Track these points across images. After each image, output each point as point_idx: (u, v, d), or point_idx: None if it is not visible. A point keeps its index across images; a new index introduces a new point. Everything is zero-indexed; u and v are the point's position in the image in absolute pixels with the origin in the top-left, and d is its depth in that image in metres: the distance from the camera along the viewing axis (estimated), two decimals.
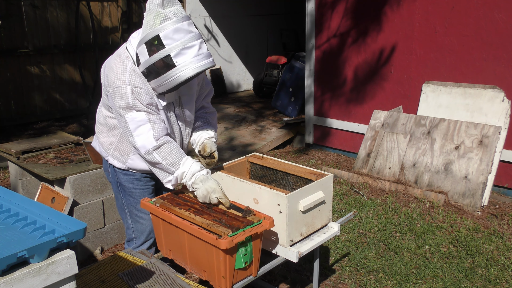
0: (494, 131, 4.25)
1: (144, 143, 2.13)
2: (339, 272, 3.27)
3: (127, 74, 2.11)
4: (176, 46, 1.96)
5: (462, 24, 4.66)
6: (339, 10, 5.59)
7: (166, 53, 1.97)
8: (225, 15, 8.98)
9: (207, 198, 2.14)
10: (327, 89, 5.94)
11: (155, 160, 2.16)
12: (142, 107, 2.12)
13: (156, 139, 2.13)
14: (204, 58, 2.02)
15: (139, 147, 2.15)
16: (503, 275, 3.19)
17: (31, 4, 6.97)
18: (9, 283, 1.22)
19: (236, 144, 6.18)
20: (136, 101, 2.11)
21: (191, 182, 2.16)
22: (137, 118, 2.12)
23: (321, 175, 2.38)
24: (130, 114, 2.12)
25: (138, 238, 2.55)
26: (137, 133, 2.14)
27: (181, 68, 1.98)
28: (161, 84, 2.06)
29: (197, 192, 2.16)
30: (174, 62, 1.98)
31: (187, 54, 1.98)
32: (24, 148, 3.70)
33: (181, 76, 2.00)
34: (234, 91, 9.51)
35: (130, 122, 2.13)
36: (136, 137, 2.14)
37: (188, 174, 2.15)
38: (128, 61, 2.15)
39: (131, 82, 2.10)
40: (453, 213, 4.09)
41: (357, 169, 5.04)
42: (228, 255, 1.90)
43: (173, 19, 1.97)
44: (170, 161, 2.15)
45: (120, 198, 2.50)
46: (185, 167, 2.16)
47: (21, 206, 1.53)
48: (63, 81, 7.57)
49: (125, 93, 2.10)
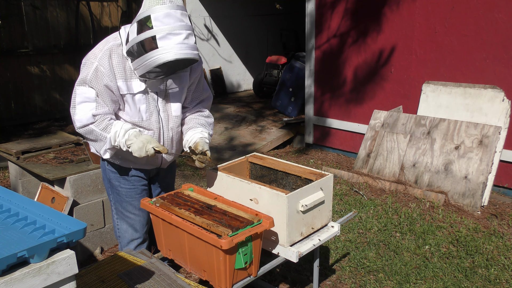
0: (494, 131, 4.25)
1: (82, 117, 2.17)
2: (339, 272, 3.27)
3: (101, 52, 2.17)
4: (163, 29, 2.01)
5: (462, 24, 4.66)
6: (339, 10, 5.59)
7: (152, 34, 2.02)
8: (225, 15, 8.97)
9: (143, 151, 2.15)
10: (327, 89, 5.93)
11: (88, 131, 2.19)
12: (97, 86, 2.16)
13: (94, 116, 2.17)
14: (188, 48, 2.05)
15: (76, 120, 2.19)
16: (503, 275, 3.19)
17: (31, 4, 6.97)
18: (9, 283, 1.22)
19: (236, 144, 6.18)
20: (94, 79, 2.15)
21: (125, 139, 2.17)
22: (86, 94, 2.17)
23: (321, 175, 2.38)
24: (82, 88, 2.17)
25: (122, 236, 2.55)
26: (80, 106, 2.17)
27: (162, 50, 2.02)
28: (141, 64, 2.09)
29: (132, 147, 2.16)
30: (157, 44, 2.02)
31: (172, 40, 2.02)
32: (24, 148, 3.69)
33: (160, 59, 2.03)
34: (234, 91, 9.51)
35: (79, 95, 2.18)
36: (77, 110, 2.18)
37: (121, 132, 2.18)
38: (112, 40, 2.21)
39: (100, 60, 2.15)
40: (453, 213, 4.09)
41: (357, 169, 5.04)
42: (228, 255, 1.90)
43: (167, 4, 2.02)
44: (103, 126, 2.18)
45: (110, 194, 2.54)
46: (117, 127, 2.19)
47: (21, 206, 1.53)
48: (63, 81, 7.57)
49: (90, 68, 2.16)
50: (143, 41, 2.05)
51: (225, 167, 2.55)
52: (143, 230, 2.54)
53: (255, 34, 9.57)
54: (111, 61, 2.16)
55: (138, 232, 2.53)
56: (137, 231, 2.53)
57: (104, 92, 2.17)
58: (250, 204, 2.26)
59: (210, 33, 8.90)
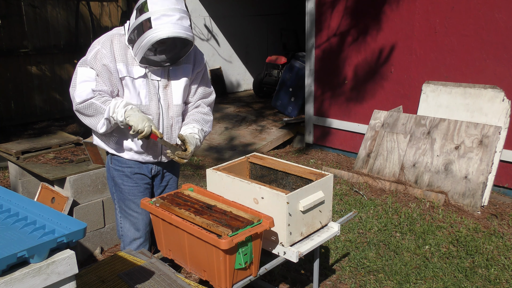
0: (494, 131, 4.25)
1: (81, 93, 2.21)
2: (339, 272, 3.27)
3: (104, 37, 2.27)
4: (158, 11, 2.10)
5: (462, 24, 4.66)
6: (339, 9, 5.60)
7: (147, 16, 2.10)
8: (225, 15, 8.98)
9: (141, 125, 2.17)
10: (327, 88, 5.93)
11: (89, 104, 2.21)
12: (97, 66, 2.22)
13: (94, 91, 2.21)
14: (181, 28, 2.12)
15: (76, 96, 2.22)
16: (503, 275, 3.19)
17: (30, 4, 6.97)
18: (9, 283, 1.22)
19: (236, 144, 6.18)
20: (93, 60, 2.22)
21: (124, 110, 2.20)
22: (86, 74, 2.23)
23: (321, 175, 2.38)
24: (84, 68, 2.24)
25: (125, 235, 2.55)
26: (81, 85, 2.23)
27: (155, 30, 2.09)
28: (138, 47, 2.16)
29: (130, 118, 2.18)
30: (152, 24, 2.10)
31: (164, 19, 2.10)
32: (24, 148, 3.69)
33: (153, 37, 2.10)
34: (234, 91, 9.51)
35: (80, 74, 2.24)
36: (77, 87, 2.23)
37: (121, 104, 2.21)
38: (115, 30, 2.30)
39: (102, 44, 2.23)
40: (453, 213, 4.09)
41: (357, 169, 5.04)
42: (228, 255, 1.90)
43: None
44: (102, 100, 2.22)
45: (113, 192, 2.55)
46: (118, 100, 2.23)
47: (21, 206, 1.53)
48: (63, 81, 7.57)
49: (91, 51, 2.24)
50: (141, 25, 2.13)
51: (225, 167, 2.54)
52: (145, 229, 2.55)
53: (255, 34, 9.57)
54: (113, 45, 2.24)
55: (141, 231, 2.54)
56: (140, 230, 2.54)
57: (104, 72, 2.23)
58: (251, 204, 2.26)
59: (210, 33, 8.90)
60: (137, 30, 2.16)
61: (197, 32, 8.69)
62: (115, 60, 2.23)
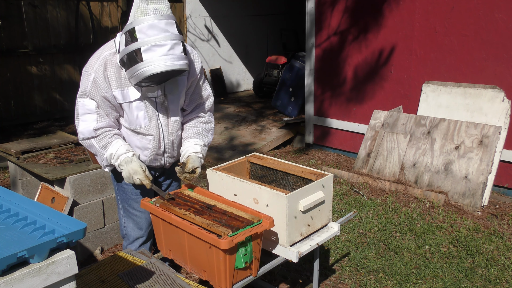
0: (494, 131, 4.25)
1: (84, 130, 2.26)
2: (339, 272, 3.27)
3: (97, 63, 2.20)
4: (147, 41, 2.00)
5: (462, 24, 4.65)
6: (339, 9, 5.59)
7: (137, 47, 2.01)
8: (225, 15, 8.98)
9: (130, 179, 2.25)
10: (327, 88, 5.93)
11: (89, 144, 2.29)
12: (96, 97, 2.21)
13: (95, 130, 2.25)
14: (173, 59, 2.02)
15: (79, 132, 2.29)
16: (503, 275, 3.19)
17: (30, 3, 6.96)
18: (9, 283, 1.22)
19: (236, 144, 6.18)
20: (93, 90, 2.20)
21: (117, 163, 2.27)
22: (87, 106, 2.23)
23: (321, 175, 2.38)
24: (83, 100, 2.24)
25: (128, 234, 2.56)
26: (83, 118, 2.26)
27: (146, 64, 2.01)
28: (132, 75, 2.11)
29: (123, 173, 2.27)
30: (142, 57, 2.01)
31: (156, 52, 2.00)
32: (24, 148, 3.69)
33: (145, 72, 2.02)
34: (234, 91, 9.51)
35: (81, 107, 2.25)
36: (80, 122, 2.27)
37: (115, 156, 2.26)
38: (108, 49, 2.22)
39: (96, 71, 2.18)
40: (453, 213, 4.09)
41: (357, 169, 5.04)
42: (228, 255, 1.90)
43: (151, 16, 2.00)
44: (102, 144, 2.28)
45: (116, 192, 2.56)
46: (113, 149, 2.27)
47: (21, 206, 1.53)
48: (63, 81, 7.57)
49: (88, 80, 2.20)
50: (131, 52, 2.04)
51: (225, 167, 2.55)
52: (148, 228, 2.55)
53: (255, 34, 9.57)
54: (106, 72, 2.19)
55: (144, 230, 2.55)
56: (143, 229, 2.55)
57: (103, 103, 2.23)
58: (251, 204, 2.26)
59: (210, 33, 8.90)
60: (128, 58, 2.07)
61: (197, 32, 8.69)
62: (110, 89, 2.20)
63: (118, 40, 2.20)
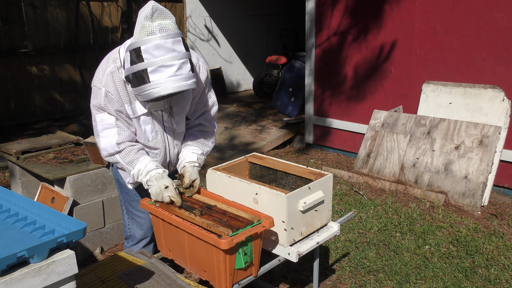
0: (494, 131, 4.25)
1: (106, 146, 2.20)
2: (339, 272, 3.27)
3: (104, 76, 2.13)
4: (154, 62, 1.93)
5: (462, 24, 4.65)
6: (339, 9, 5.59)
7: (143, 67, 1.95)
8: (225, 15, 8.98)
9: (159, 196, 2.16)
10: (327, 88, 5.93)
11: (115, 160, 2.24)
12: (112, 111, 2.16)
13: (118, 144, 2.19)
14: (181, 80, 1.96)
15: (102, 149, 2.23)
16: (503, 275, 3.19)
17: (30, 3, 6.97)
18: (9, 283, 1.22)
19: (236, 144, 6.18)
20: (108, 105, 2.15)
21: (146, 179, 2.19)
22: (106, 121, 2.18)
23: (320, 175, 2.38)
24: (101, 115, 2.18)
25: (133, 236, 2.56)
26: (103, 134, 2.20)
27: (154, 85, 1.95)
28: (138, 94, 2.04)
29: (150, 189, 2.18)
30: (148, 78, 1.95)
31: (164, 73, 1.94)
32: (24, 148, 3.69)
33: (153, 93, 1.96)
34: (234, 91, 9.51)
35: (99, 122, 2.19)
36: (101, 138, 2.21)
37: (144, 172, 2.20)
38: (112, 63, 2.15)
39: (106, 85, 2.12)
40: (453, 213, 4.09)
41: (357, 169, 5.04)
42: (228, 255, 1.90)
43: (157, 35, 1.92)
44: (128, 160, 2.22)
45: (119, 194, 2.55)
46: (141, 165, 2.21)
47: (21, 206, 1.53)
48: (63, 81, 7.57)
49: (99, 94, 2.14)
50: (137, 72, 1.98)
51: (225, 167, 2.55)
52: (152, 229, 2.53)
53: (255, 34, 9.57)
54: (116, 86, 2.13)
55: (148, 231, 2.55)
56: (147, 230, 2.55)
57: (119, 116, 2.19)
58: (251, 204, 2.26)
59: (210, 33, 8.90)
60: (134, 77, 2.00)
61: (197, 32, 8.69)
62: (123, 103, 2.16)
63: (122, 53, 2.13)
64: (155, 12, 1.95)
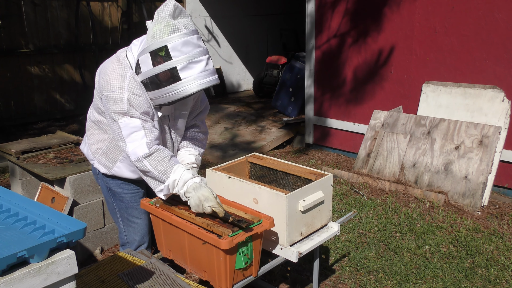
0: (494, 131, 4.25)
1: (135, 150, 2.06)
2: (339, 272, 3.27)
3: (126, 81, 2.05)
4: (183, 59, 1.90)
5: (462, 24, 4.66)
6: (339, 10, 5.59)
7: (172, 65, 1.91)
8: (225, 15, 8.98)
9: (200, 207, 2.02)
10: (327, 89, 5.93)
11: (145, 168, 2.08)
12: (137, 114, 2.06)
13: (149, 146, 2.06)
14: (210, 74, 1.97)
15: (130, 154, 2.09)
16: (503, 275, 3.19)
17: (32, 1, 6.97)
18: (9, 283, 1.22)
19: (236, 144, 6.18)
20: (131, 108, 2.04)
21: (183, 190, 2.05)
22: (131, 124, 2.06)
23: (320, 175, 2.38)
24: (124, 119, 2.06)
25: (130, 243, 2.50)
26: (130, 139, 2.07)
27: (186, 82, 1.92)
28: (162, 96, 2.00)
29: (190, 201, 2.05)
30: (179, 75, 1.92)
31: (194, 69, 1.92)
32: (24, 148, 3.69)
33: (185, 91, 1.94)
34: (234, 91, 9.51)
35: (124, 127, 2.07)
36: (128, 143, 2.08)
37: (180, 182, 2.05)
38: (128, 68, 2.09)
39: (130, 89, 2.04)
40: (453, 213, 4.09)
41: (357, 169, 5.04)
42: (229, 255, 1.90)
43: (183, 31, 1.91)
44: (161, 169, 2.06)
45: (111, 202, 2.45)
46: (176, 175, 2.06)
47: (21, 206, 1.53)
48: (63, 81, 7.57)
49: (121, 99, 2.03)
50: (164, 72, 1.94)
51: (225, 167, 2.55)
52: (149, 234, 2.51)
53: (255, 34, 9.57)
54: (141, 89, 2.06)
55: (145, 236, 2.50)
56: (144, 236, 2.50)
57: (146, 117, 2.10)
58: (250, 204, 2.26)
59: (211, 33, 8.90)
60: (157, 78, 1.95)
61: None
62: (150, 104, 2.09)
63: (131, 57, 2.09)
64: (177, 9, 1.96)
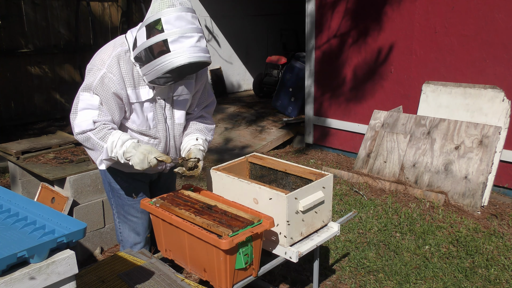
0: (494, 131, 4.25)
1: (81, 123, 2.09)
2: (339, 272, 3.27)
3: (110, 58, 2.09)
4: (175, 32, 1.95)
5: (462, 24, 4.66)
6: (339, 10, 5.59)
7: (163, 37, 1.96)
8: (225, 15, 8.98)
9: (145, 163, 2.03)
10: (327, 89, 5.93)
11: (87, 137, 2.10)
12: (102, 93, 2.08)
13: (95, 122, 2.09)
14: (201, 51, 2.00)
15: (75, 125, 2.11)
16: (503, 275, 3.19)
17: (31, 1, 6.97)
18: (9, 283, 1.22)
19: (236, 144, 6.18)
20: (100, 86, 2.07)
21: (123, 151, 2.06)
22: (89, 101, 2.09)
23: (321, 175, 2.38)
24: (86, 94, 2.09)
25: (125, 240, 2.50)
26: (82, 113, 2.10)
27: (175, 54, 1.96)
28: (152, 69, 2.03)
29: (132, 160, 2.05)
30: (169, 47, 1.96)
31: (184, 43, 1.96)
32: (24, 148, 3.69)
33: (173, 63, 1.97)
34: (234, 91, 9.51)
35: (82, 101, 2.10)
36: (78, 115, 2.10)
37: (118, 143, 2.06)
38: (119, 47, 2.13)
39: (109, 67, 2.08)
40: (453, 213, 4.09)
41: (357, 169, 5.04)
42: (229, 255, 1.90)
43: (178, 7, 1.97)
44: (100, 135, 2.09)
45: (111, 197, 2.49)
46: (115, 137, 2.08)
47: (21, 206, 1.53)
48: (63, 81, 7.57)
49: (95, 75, 2.08)
50: (153, 45, 1.99)
51: (225, 167, 2.55)
52: (145, 233, 2.51)
53: (255, 34, 9.57)
54: (120, 69, 2.10)
55: (141, 235, 2.50)
56: (140, 235, 2.50)
57: (111, 100, 2.10)
58: (251, 204, 2.26)
59: (211, 33, 8.90)
60: (149, 51, 2.00)
61: None
62: (125, 86, 2.11)
63: (130, 37, 2.15)
64: None
